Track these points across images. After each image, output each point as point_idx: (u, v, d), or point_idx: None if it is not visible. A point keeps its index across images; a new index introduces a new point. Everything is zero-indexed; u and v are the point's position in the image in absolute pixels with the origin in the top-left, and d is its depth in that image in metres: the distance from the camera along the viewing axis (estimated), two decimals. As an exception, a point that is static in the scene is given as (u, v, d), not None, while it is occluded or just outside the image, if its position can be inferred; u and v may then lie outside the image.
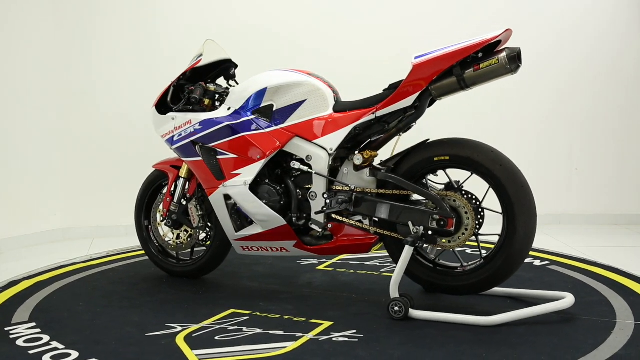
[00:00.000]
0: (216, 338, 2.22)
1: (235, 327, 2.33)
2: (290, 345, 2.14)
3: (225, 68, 3.00)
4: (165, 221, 2.99)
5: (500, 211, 2.40)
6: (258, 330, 2.29)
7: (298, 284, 2.94)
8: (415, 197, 2.54)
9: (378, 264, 3.28)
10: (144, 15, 4.27)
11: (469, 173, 2.47)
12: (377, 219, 2.56)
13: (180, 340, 2.20)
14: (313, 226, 2.63)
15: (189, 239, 2.99)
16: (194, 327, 2.34)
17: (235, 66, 3.01)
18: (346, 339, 2.20)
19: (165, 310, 2.54)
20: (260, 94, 2.66)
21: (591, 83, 4.39)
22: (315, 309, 2.53)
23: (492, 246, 2.52)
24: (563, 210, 4.47)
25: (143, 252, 3.29)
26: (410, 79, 2.36)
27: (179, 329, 2.32)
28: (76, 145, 4.24)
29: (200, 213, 2.92)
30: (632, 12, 4.35)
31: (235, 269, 3.21)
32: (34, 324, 2.38)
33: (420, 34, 4.31)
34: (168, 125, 2.87)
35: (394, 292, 2.42)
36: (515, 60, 2.24)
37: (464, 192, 2.43)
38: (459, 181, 2.49)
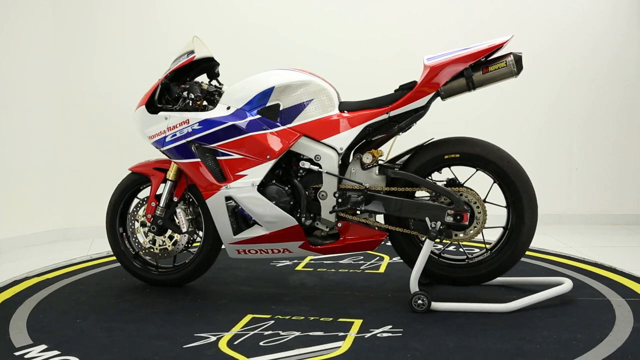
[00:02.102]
0: (261, 344, 2.16)
1: (271, 332, 2.27)
2: (344, 345, 2.14)
3: (209, 67, 2.88)
4: (149, 227, 2.82)
5: (504, 205, 2.59)
6: (297, 333, 2.25)
7: (292, 285, 2.92)
8: (417, 194, 2.64)
9: (353, 262, 3.30)
10: (145, 14, 4.28)
11: (471, 170, 2.59)
12: (384, 216, 2.63)
13: (227, 349, 2.11)
14: (320, 225, 2.63)
15: (173, 246, 2.82)
16: (228, 335, 2.25)
17: (218, 64, 2.90)
18: (390, 334, 2.23)
19: (179, 321, 2.43)
20: (267, 93, 2.61)
21: (591, 83, 4.39)
22: (333, 309, 2.53)
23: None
24: (563, 210, 4.47)
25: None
26: (427, 80, 2.46)
27: (213, 338, 2.22)
28: (76, 145, 4.25)
29: (189, 217, 2.81)
30: (631, 12, 4.35)
31: (213, 274, 3.06)
32: (45, 346, 2.18)
33: (420, 34, 4.32)
34: (159, 125, 2.72)
35: (414, 286, 2.49)
36: (520, 63, 2.42)
37: (466, 188, 2.56)
38: (457, 178, 2.60)
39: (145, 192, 2.94)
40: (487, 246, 2.66)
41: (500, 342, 2.14)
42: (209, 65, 2.87)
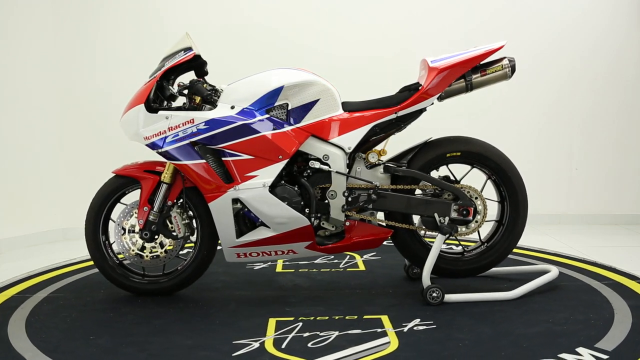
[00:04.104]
0: (310, 345, 2.12)
1: (309, 334, 2.24)
2: (391, 340, 2.16)
3: (197, 65, 2.73)
4: (141, 234, 2.66)
5: (498, 199, 2.76)
6: (336, 333, 2.23)
7: (287, 287, 2.89)
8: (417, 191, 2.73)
9: (328, 262, 3.32)
10: (145, 14, 4.27)
11: (462, 167, 2.70)
12: (385, 214, 2.70)
13: (281, 354, 2.05)
14: (326, 225, 2.65)
15: (165, 253, 2.70)
16: (268, 339, 2.19)
17: (206, 63, 2.76)
18: (425, 327, 2.28)
19: (203, 329, 2.32)
20: (276, 92, 2.57)
21: (591, 83, 4.39)
22: (348, 307, 2.54)
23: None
24: (563, 210, 4.48)
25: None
26: (434, 82, 2.55)
27: (256, 344, 2.15)
28: (76, 145, 4.24)
29: (185, 221, 2.68)
30: (631, 12, 4.35)
31: (198, 279, 2.81)
32: None
33: (420, 34, 4.32)
34: (158, 125, 2.58)
35: (427, 280, 2.57)
36: (514, 67, 2.60)
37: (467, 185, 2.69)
38: (453, 174, 2.72)
39: (130, 197, 2.79)
40: (472, 243, 2.79)
41: (530, 326, 2.25)
42: (197, 64, 2.73)
